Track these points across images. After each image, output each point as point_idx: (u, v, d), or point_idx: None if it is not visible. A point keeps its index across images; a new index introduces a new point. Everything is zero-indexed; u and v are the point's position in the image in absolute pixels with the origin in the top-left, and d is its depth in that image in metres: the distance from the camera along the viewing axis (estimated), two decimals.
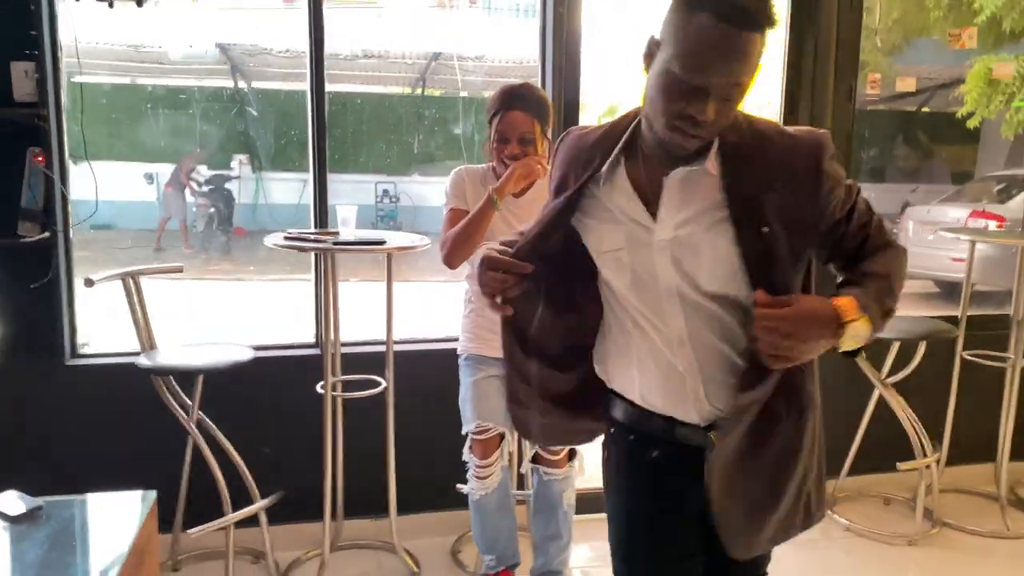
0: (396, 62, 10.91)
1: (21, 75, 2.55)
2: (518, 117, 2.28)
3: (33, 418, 2.70)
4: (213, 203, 11.58)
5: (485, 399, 2.35)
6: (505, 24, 12.52)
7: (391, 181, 11.84)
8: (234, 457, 2.68)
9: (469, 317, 2.45)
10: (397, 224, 11.87)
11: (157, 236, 10.88)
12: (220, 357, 2.56)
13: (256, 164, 11.94)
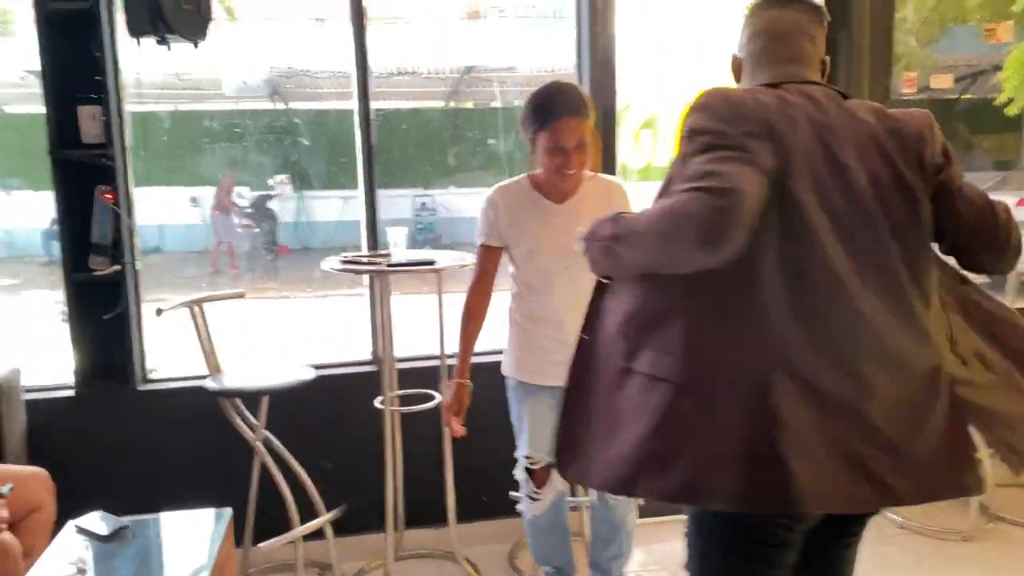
0: (429, 77, 11.08)
1: (88, 118, 2.70)
2: (571, 124, 2.10)
3: (110, 442, 2.84)
4: (257, 223, 11.82)
5: (538, 429, 2.30)
6: (536, 32, 12.63)
7: (428, 194, 12.01)
8: (299, 473, 2.79)
9: (516, 340, 2.36)
10: (435, 235, 12.02)
11: (212, 260, 11.17)
12: (284, 377, 2.67)
13: (296, 183, 12.18)
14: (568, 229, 2.19)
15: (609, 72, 3.08)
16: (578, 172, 2.18)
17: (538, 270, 2.25)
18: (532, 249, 2.24)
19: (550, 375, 2.24)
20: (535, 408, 2.31)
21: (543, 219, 2.24)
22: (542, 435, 2.30)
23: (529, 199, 2.26)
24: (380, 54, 11.06)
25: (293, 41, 10.91)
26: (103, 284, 2.76)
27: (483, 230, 2.30)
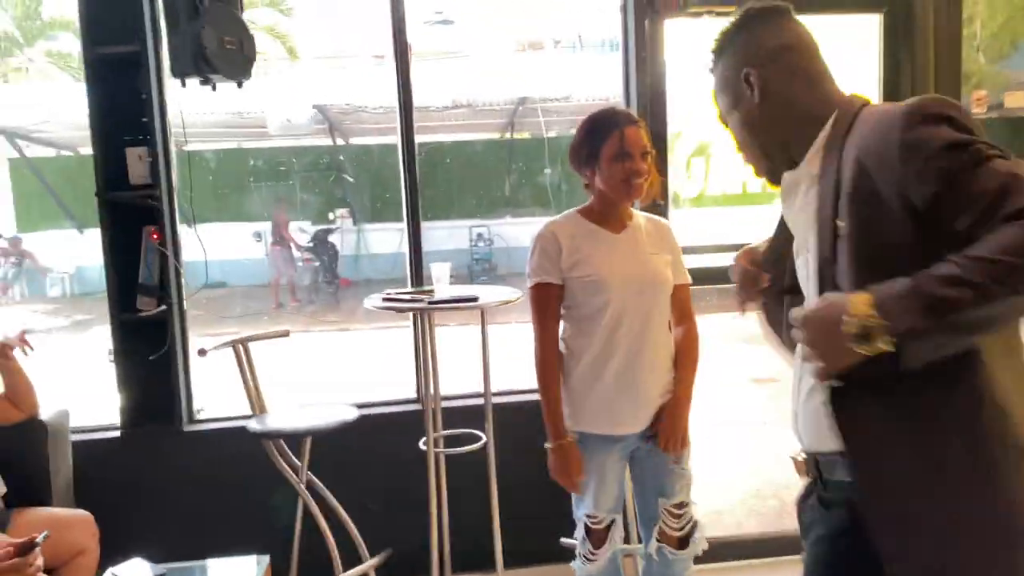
0: (484, 109, 11.15)
1: (136, 160, 2.72)
2: (637, 132, 2.06)
3: (154, 484, 2.83)
4: (318, 257, 12.01)
5: (604, 486, 2.14)
6: (589, 61, 12.62)
7: (484, 224, 12.05)
8: (343, 516, 2.73)
9: (571, 388, 2.15)
10: (492, 266, 12.03)
11: (274, 295, 11.39)
12: (327, 418, 2.62)
13: (356, 217, 12.37)
14: (633, 258, 2.12)
15: (659, 100, 2.99)
16: (642, 188, 2.08)
17: (604, 303, 2.09)
18: (598, 281, 2.08)
19: (619, 422, 2.12)
20: (600, 461, 2.14)
21: (606, 249, 2.11)
22: (608, 492, 2.15)
23: (586, 230, 2.14)
24: (436, 88, 11.19)
25: (351, 78, 11.13)
26: (150, 324, 2.76)
27: (539, 267, 2.12)
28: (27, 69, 13.00)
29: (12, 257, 12.47)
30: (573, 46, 16.65)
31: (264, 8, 12.82)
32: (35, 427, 2.51)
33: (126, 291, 2.75)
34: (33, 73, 12.53)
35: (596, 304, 2.09)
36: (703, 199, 2.67)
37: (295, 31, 13.31)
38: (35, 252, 12.41)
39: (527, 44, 17.30)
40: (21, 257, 12.48)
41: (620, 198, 2.10)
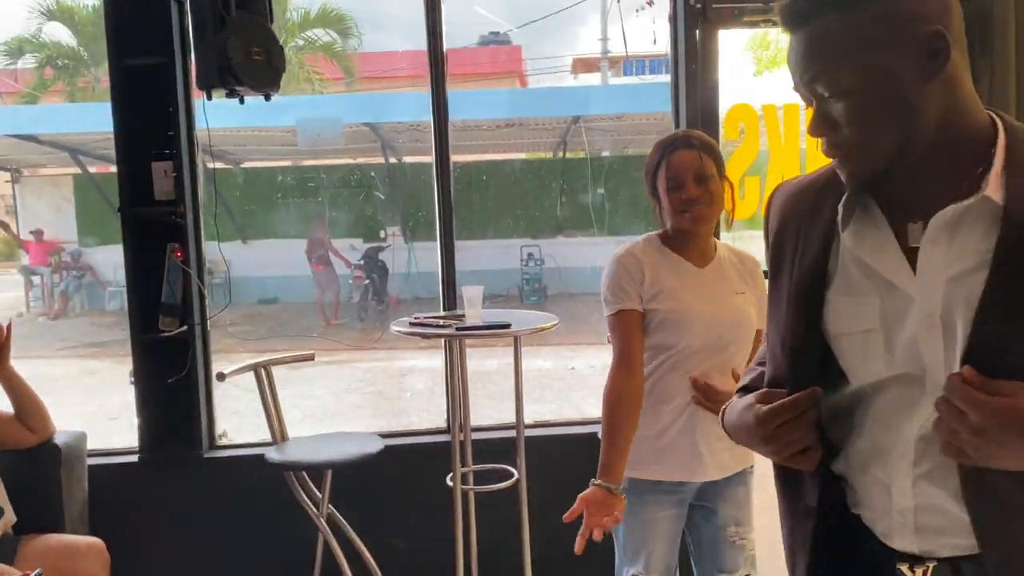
0: (537, 128, 11.05)
1: (160, 175, 2.64)
2: (685, 155, 1.87)
3: (170, 512, 2.72)
4: (368, 274, 12.00)
5: (658, 540, 1.93)
6: (644, 79, 12.44)
7: (535, 244, 11.90)
8: (364, 553, 2.58)
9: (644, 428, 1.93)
10: (542, 286, 11.87)
11: (320, 313, 11.43)
12: (349, 450, 2.48)
13: (407, 235, 12.35)
14: (717, 297, 1.90)
15: (711, 115, 2.80)
16: (705, 215, 1.87)
17: (679, 341, 1.88)
18: (679, 318, 1.88)
19: (678, 468, 1.91)
20: (653, 512, 1.93)
21: (688, 283, 1.91)
22: (661, 548, 1.93)
23: (668, 260, 1.93)
24: (489, 106, 11.17)
25: (406, 97, 11.15)
26: (171, 344, 2.66)
27: (620, 293, 1.89)
28: (94, 88, 13.38)
29: (74, 271, 12.78)
30: (632, 70, 16.52)
31: (320, 29, 13.00)
32: (49, 450, 2.42)
33: (148, 311, 2.65)
34: (98, 93, 12.87)
35: (670, 341, 1.89)
36: (756, 220, 2.47)
37: (351, 51, 13.49)
38: (96, 266, 12.70)
39: (585, 61, 17.25)
40: (82, 271, 12.78)
41: (684, 227, 1.90)
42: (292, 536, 2.63)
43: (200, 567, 2.66)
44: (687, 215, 1.86)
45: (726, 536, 1.96)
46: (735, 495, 1.96)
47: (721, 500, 1.96)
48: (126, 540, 2.45)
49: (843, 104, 0.98)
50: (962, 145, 0.99)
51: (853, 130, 0.99)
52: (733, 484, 1.96)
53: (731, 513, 1.96)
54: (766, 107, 2.78)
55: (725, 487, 1.95)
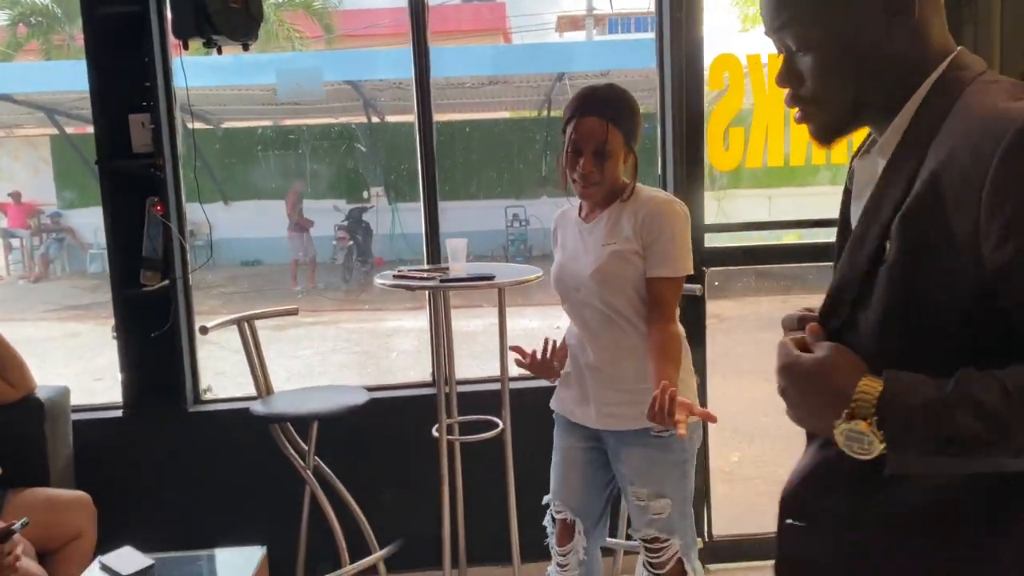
0: (521, 86, 10.93)
1: (138, 127, 2.60)
2: (592, 124, 1.81)
3: (156, 466, 2.73)
4: (352, 235, 11.93)
5: (566, 475, 2.02)
6: (630, 37, 12.30)
7: (520, 205, 11.86)
8: (351, 505, 2.60)
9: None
10: (527, 247, 11.85)
11: (292, 276, 11.36)
12: (335, 402, 2.49)
13: (390, 196, 12.27)
14: (585, 250, 1.91)
15: (695, 73, 2.78)
16: (591, 193, 1.89)
17: (561, 296, 2.01)
18: (554, 274, 2.02)
19: (570, 406, 2.02)
20: (566, 446, 2.04)
21: (571, 238, 2.00)
22: (572, 481, 2.02)
23: (571, 219, 2.03)
24: (472, 63, 11.01)
25: (387, 54, 10.98)
26: (154, 300, 2.64)
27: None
28: (69, 46, 13.10)
29: (54, 233, 12.64)
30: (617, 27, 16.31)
31: None
32: (32, 405, 2.42)
33: (129, 266, 2.63)
34: (73, 51, 12.62)
35: (560, 294, 2.01)
36: (741, 173, 2.49)
37: (331, 8, 13.25)
38: (76, 228, 12.57)
39: (570, 19, 17.04)
40: (62, 233, 12.64)
41: (576, 191, 1.93)
42: (279, 489, 2.64)
43: (186, 520, 2.67)
44: (575, 184, 1.89)
45: (627, 495, 1.96)
46: (630, 455, 1.91)
47: (618, 458, 1.95)
48: (112, 494, 2.46)
49: (809, 58, 0.97)
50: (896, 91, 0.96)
51: (815, 84, 0.98)
52: (628, 443, 1.91)
53: (627, 473, 1.93)
54: (751, 57, 2.76)
55: (620, 444, 1.93)
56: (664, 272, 1.84)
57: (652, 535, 1.92)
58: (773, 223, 3.04)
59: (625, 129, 1.84)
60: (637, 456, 1.90)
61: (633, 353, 1.86)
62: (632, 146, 1.87)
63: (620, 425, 1.91)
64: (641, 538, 1.95)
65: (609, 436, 1.95)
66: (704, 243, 2.83)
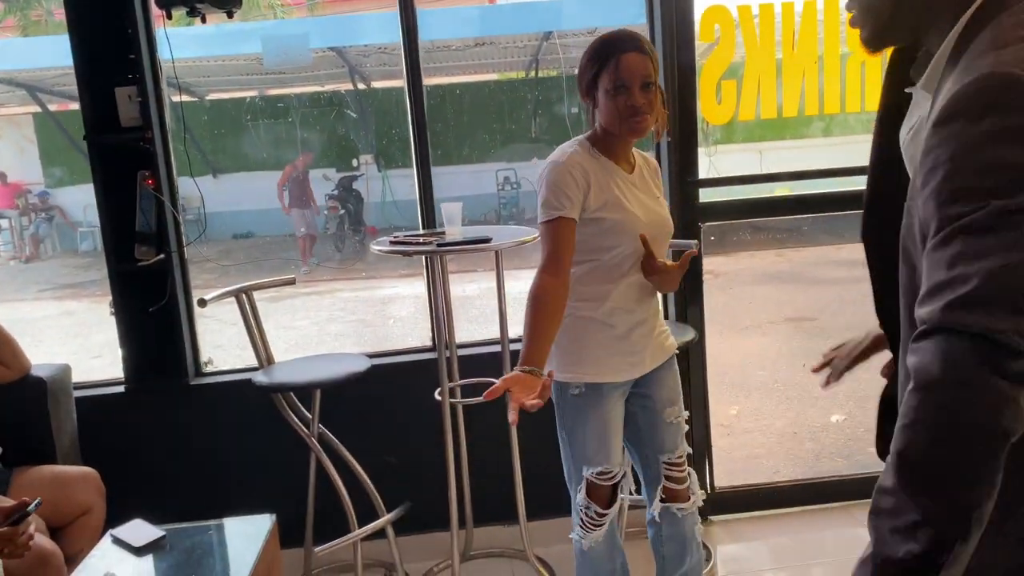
0: (508, 47, 10.79)
1: (125, 100, 2.57)
2: (636, 60, 1.80)
3: (161, 440, 2.74)
4: (343, 204, 11.86)
5: (614, 438, 1.99)
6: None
7: (511, 168, 11.79)
8: (357, 470, 2.62)
9: (579, 334, 1.95)
10: (519, 210, 11.80)
11: (303, 253, 11.03)
12: (337, 369, 2.50)
13: (380, 163, 12.17)
14: (644, 204, 1.93)
15: (685, 26, 2.75)
16: (646, 125, 1.86)
17: (621, 247, 1.90)
18: (621, 224, 1.89)
19: (626, 369, 1.97)
20: (606, 410, 1.97)
21: (624, 189, 1.90)
22: (618, 443, 2.01)
23: (603, 166, 1.92)
24: (459, 24, 10.80)
25: (372, 19, 10.83)
26: (151, 275, 2.64)
27: (565, 200, 1.85)
28: (47, 21, 12.87)
29: (43, 213, 12.54)
30: None
31: None
32: (33, 384, 2.42)
33: (124, 241, 2.62)
34: (52, 26, 12.40)
35: (617, 249, 1.90)
36: (735, 126, 2.47)
37: None
38: (65, 207, 12.46)
39: None
40: (51, 212, 12.54)
41: (621, 135, 1.88)
42: (285, 457, 2.67)
43: (194, 492, 2.70)
44: (628, 122, 1.84)
45: (664, 418, 2.03)
46: (667, 378, 2.05)
47: (656, 385, 2.03)
48: (119, 469, 2.48)
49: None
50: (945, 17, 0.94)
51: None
52: (664, 369, 2.04)
53: (666, 396, 2.04)
54: (742, 8, 2.73)
55: (657, 372, 2.02)
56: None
57: (687, 450, 2.08)
58: (767, 176, 3.03)
59: (656, 65, 1.87)
60: (673, 377, 2.07)
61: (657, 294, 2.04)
62: (659, 83, 1.89)
63: (662, 360, 2.04)
64: (676, 457, 2.05)
65: (648, 373, 2.01)
66: (699, 198, 2.83)
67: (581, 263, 1.91)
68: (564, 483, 2.42)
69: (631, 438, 2.09)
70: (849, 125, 11.00)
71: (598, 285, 1.93)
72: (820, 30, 2.79)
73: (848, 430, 4.01)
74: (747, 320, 6.59)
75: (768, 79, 2.78)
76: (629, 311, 1.95)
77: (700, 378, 2.95)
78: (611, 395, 1.97)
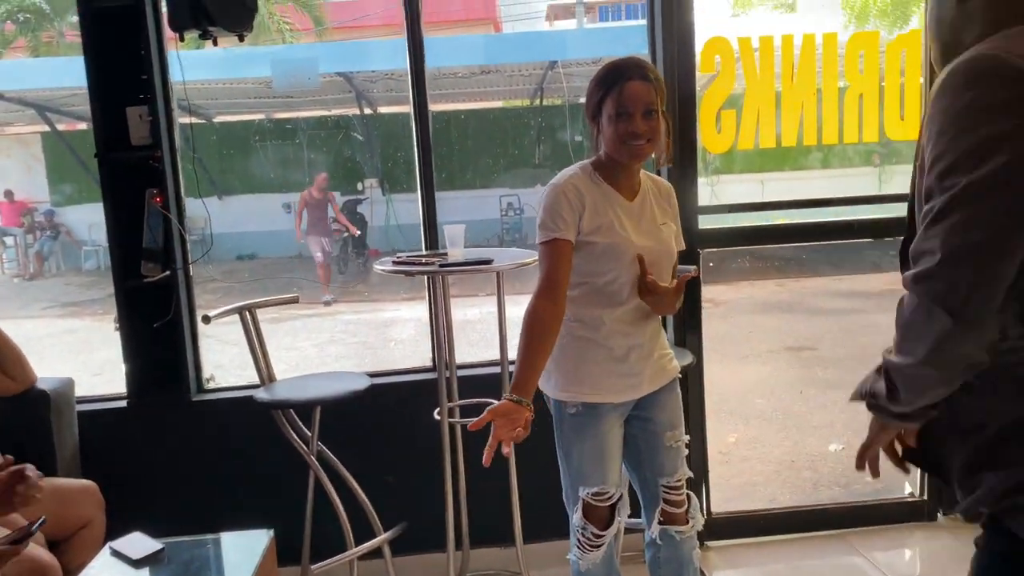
0: (513, 75, 10.92)
1: (136, 119, 2.62)
2: (640, 88, 1.85)
3: (162, 455, 2.76)
4: (347, 230, 11.92)
5: (611, 459, 2.00)
6: (621, 24, 12.27)
7: (514, 193, 11.88)
8: (355, 489, 2.64)
9: (575, 353, 1.97)
10: (523, 235, 11.87)
11: (324, 282, 10.31)
12: (337, 388, 2.52)
13: (385, 187, 12.27)
14: (644, 231, 1.96)
15: (687, 57, 2.80)
16: (645, 152, 1.90)
17: (622, 274, 1.93)
18: (614, 248, 1.92)
19: (624, 390, 1.99)
20: (604, 432, 1.99)
21: (621, 216, 1.94)
22: (616, 464, 2.03)
23: (602, 191, 1.96)
24: (465, 52, 10.94)
25: (379, 45, 10.97)
26: (156, 292, 2.67)
27: (560, 222, 1.88)
28: (58, 42, 13.05)
29: (48, 231, 12.62)
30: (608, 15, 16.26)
31: None
32: (36, 398, 2.44)
33: (130, 257, 2.65)
34: (63, 47, 12.57)
35: (612, 274, 1.93)
36: (734, 155, 2.51)
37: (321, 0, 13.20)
38: (70, 225, 12.54)
39: (560, 8, 17.01)
40: (56, 231, 12.62)
41: (621, 159, 1.92)
42: (284, 475, 2.68)
43: (193, 507, 2.71)
44: (628, 147, 1.88)
45: (664, 441, 2.04)
46: (668, 401, 2.05)
47: (656, 408, 2.04)
48: (120, 483, 2.49)
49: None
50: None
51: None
52: (665, 392, 2.05)
53: (666, 419, 2.04)
54: (742, 40, 2.78)
55: (658, 395, 2.04)
56: (681, 247, 2.09)
57: (687, 474, 2.08)
58: (764, 204, 3.07)
59: (662, 93, 1.91)
60: (674, 400, 2.08)
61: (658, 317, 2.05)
62: (665, 111, 1.92)
63: (662, 382, 2.04)
64: (676, 480, 2.05)
65: (648, 395, 2.02)
66: (698, 225, 2.86)
67: (578, 285, 1.94)
68: (562, 505, 2.44)
69: (631, 460, 2.10)
70: (847, 156, 11.11)
71: (594, 308, 1.96)
72: (819, 63, 2.85)
73: (846, 459, 4.01)
74: (747, 349, 6.60)
75: (767, 110, 2.83)
76: (626, 334, 1.97)
77: (698, 404, 2.96)
78: (609, 416, 1.99)
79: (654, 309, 1.98)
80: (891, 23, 11.24)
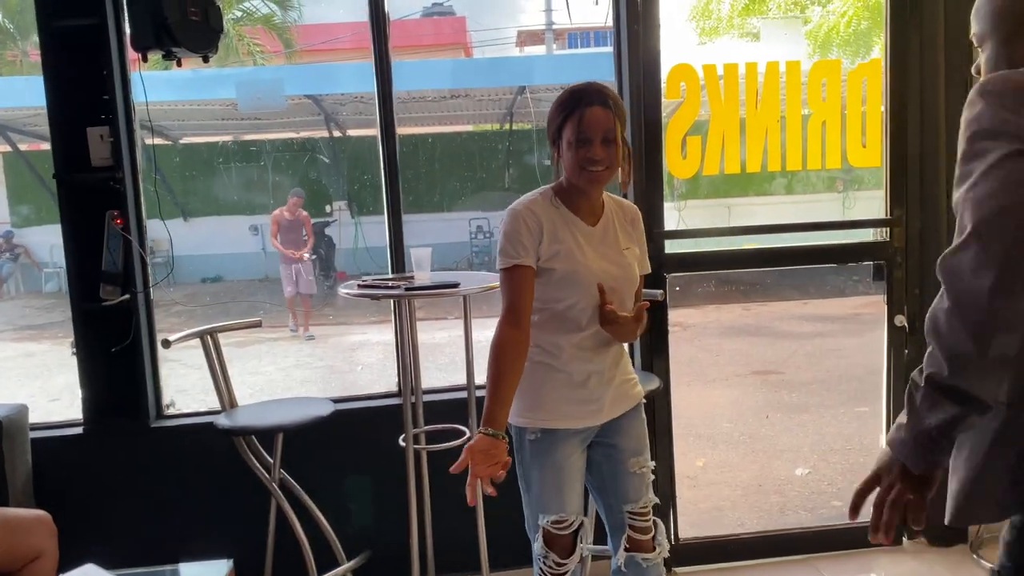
0: (483, 100, 10.98)
1: (97, 140, 2.57)
2: (599, 114, 1.84)
3: (119, 483, 2.68)
4: (315, 250, 11.81)
5: (570, 485, 1.97)
6: (589, 51, 12.42)
7: (484, 217, 11.89)
8: (318, 517, 2.59)
9: (536, 380, 1.94)
10: (492, 258, 11.86)
11: (293, 315, 9.60)
12: (300, 413, 2.48)
13: (353, 210, 12.21)
14: (604, 257, 1.94)
15: (652, 84, 2.83)
16: (603, 178, 1.90)
17: (579, 300, 1.92)
18: (573, 275, 1.91)
19: (583, 416, 1.97)
20: (564, 458, 1.97)
21: (581, 242, 1.93)
22: (577, 491, 2.00)
23: (562, 216, 1.95)
24: (434, 76, 10.98)
25: (348, 68, 10.97)
26: (115, 315, 2.61)
27: (520, 248, 1.87)
28: (21, 62, 12.87)
29: (7, 253, 12.36)
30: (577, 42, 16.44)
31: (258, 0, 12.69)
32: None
33: (89, 280, 2.60)
34: (27, 67, 12.40)
35: (570, 301, 1.92)
36: (699, 180, 2.52)
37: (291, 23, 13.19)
38: (30, 247, 12.30)
39: (529, 35, 17.18)
40: (16, 253, 12.37)
41: (580, 184, 1.92)
42: (245, 502, 2.62)
43: (151, 537, 2.64)
44: (586, 173, 1.87)
45: (628, 468, 2.01)
46: (632, 427, 2.03)
47: (620, 434, 2.01)
48: (74, 512, 2.42)
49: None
50: None
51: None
52: (629, 417, 2.02)
53: (631, 445, 2.02)
54: (707, 67, 2.82)
55: (621, 421, 2.01)
56: (645, 271, 2.08)
57: (653, 500, 2.04)
58: (730, 229, 3.10)
59: (622, 119, 1.90)
60: (638, 426, 2.05)
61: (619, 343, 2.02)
62: (626, 139, 1.92)
63: (626, 408, 2.02)
64: (641, 507, 2.02)
65: (609, 422, 1.99)
66: (664, 249, 2.88)
67: (538, 311, 1.93)
68: (526, 534, 2.41)
69: (595, 487, 2.08)
70: (811, 182, 11.30)
71: (554, 334, 1.94)
72: (783, 90, 2.89)
73: (812, 483, 4.03)
74: (714, 372, 6.63)
75: (732, 136, 2.86)
76: (586, 360, 1.95)
77: (665, 428, 2.96)
78: (568, 442, 1.96)
79: (615, 337, 1.95)
80: (853, 52, 11.50)
